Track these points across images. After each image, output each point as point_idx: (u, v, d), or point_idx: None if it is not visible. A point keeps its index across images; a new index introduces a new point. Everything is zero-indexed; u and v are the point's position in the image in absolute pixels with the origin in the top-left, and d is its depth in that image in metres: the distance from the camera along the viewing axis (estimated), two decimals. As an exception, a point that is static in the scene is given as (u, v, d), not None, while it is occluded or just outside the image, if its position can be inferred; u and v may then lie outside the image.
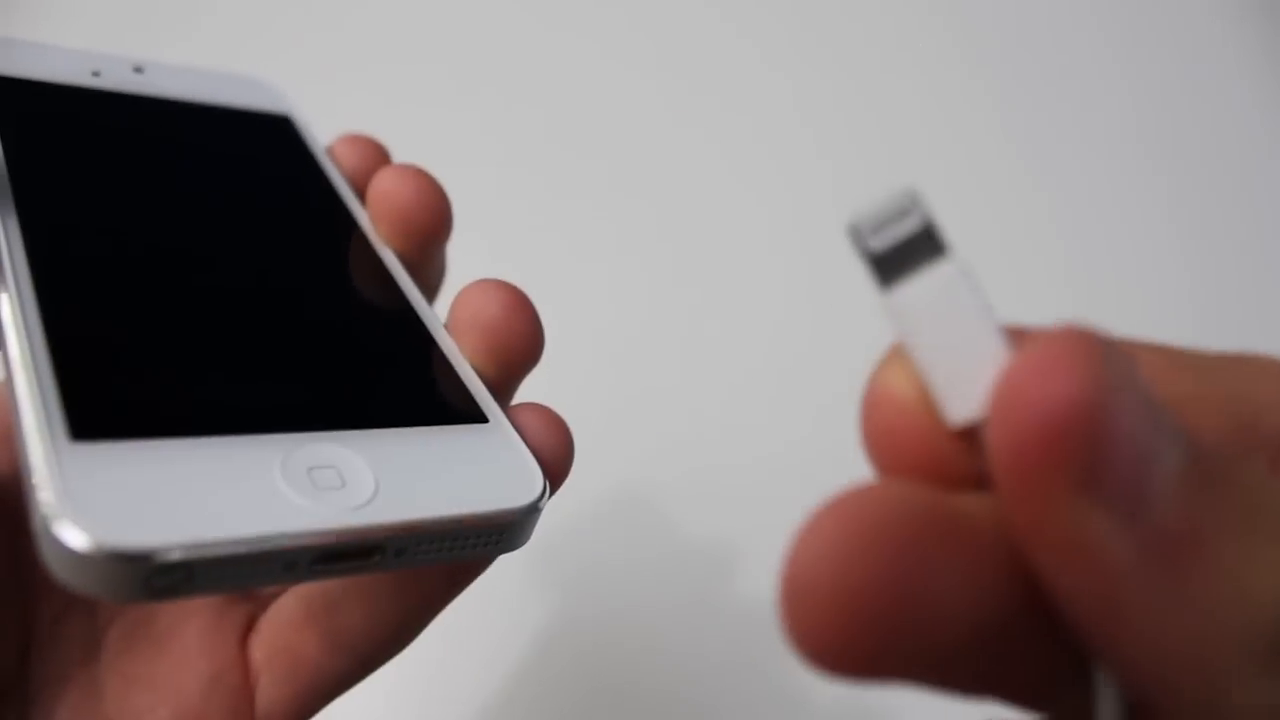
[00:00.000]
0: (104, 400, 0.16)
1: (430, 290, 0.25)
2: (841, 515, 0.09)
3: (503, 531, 0.17)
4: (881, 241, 0.11)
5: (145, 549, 0.13)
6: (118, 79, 0.24)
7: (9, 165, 0.19)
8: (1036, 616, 0.10)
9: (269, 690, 0.21)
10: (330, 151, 0.26)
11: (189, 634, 0.22)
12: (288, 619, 0.22)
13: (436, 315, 0.22)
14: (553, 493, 0.20)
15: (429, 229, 0.23)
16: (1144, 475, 0.09)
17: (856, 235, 0.11)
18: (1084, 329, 0.10)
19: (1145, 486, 0.09)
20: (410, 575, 0.21)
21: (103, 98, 0.24)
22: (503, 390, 0.21)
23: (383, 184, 0.23)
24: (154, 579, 0.14)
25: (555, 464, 0.20)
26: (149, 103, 0.25)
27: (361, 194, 0.25)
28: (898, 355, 0.11)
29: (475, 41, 0.59)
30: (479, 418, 0.20)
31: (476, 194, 0.27)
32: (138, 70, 0.25)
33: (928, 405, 0.11)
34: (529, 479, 0.18)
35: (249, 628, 0.22)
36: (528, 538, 0.18)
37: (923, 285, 0.11)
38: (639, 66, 0.58)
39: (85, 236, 0.20)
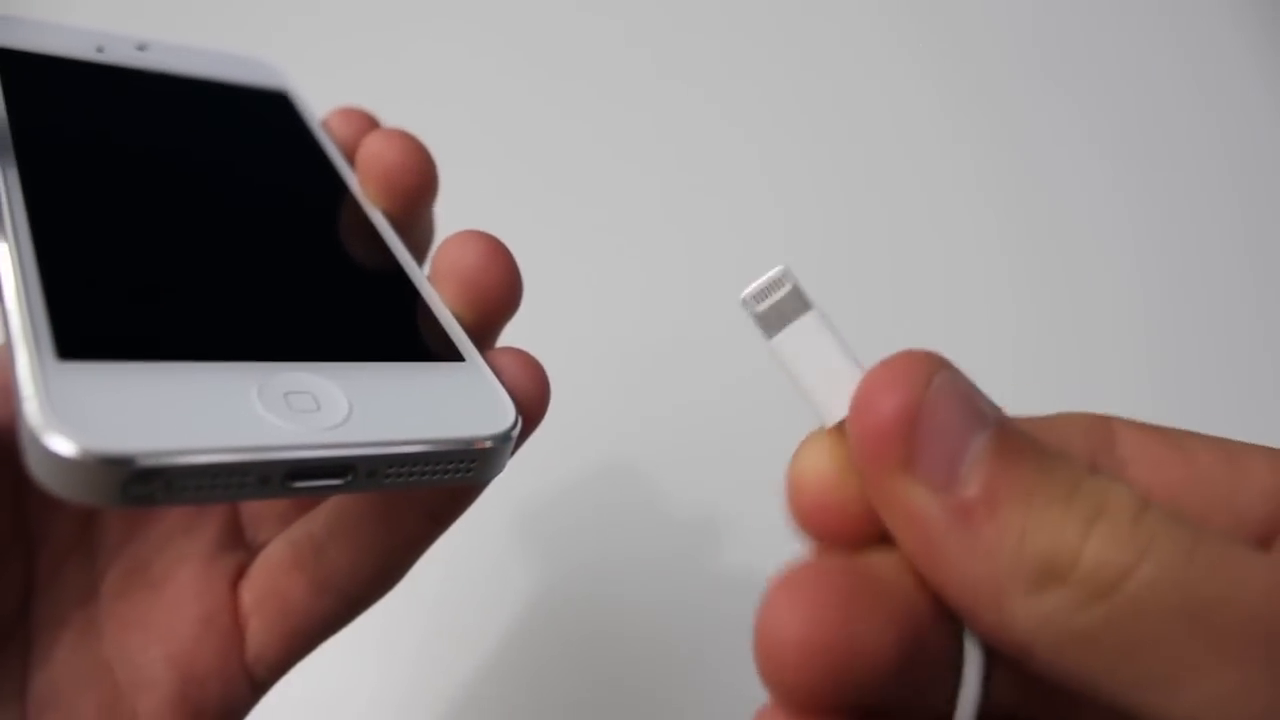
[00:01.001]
0: (91, 324, 0.17)
1: (419, 250, 0.25)
2: (792, 589, 0.13)
3: (473, 459, 0.18)
4: (763, 306, 0.15)
5: (124, 454, 0.14)
6: (121, 55, 0.25)
7: (12, 124, 0.20)
8: (940, 633, 0.14)
9: (259, 633, 0.22)
10: (324, 123, 0.27)
11: (182, 579, 0.23)
12: (276, 563, 0.23)
13: (419, 268, 0.23)
14: (528, 432, 0.20)
15: (415, 188, 0.24)
16: (953, 457, 0.13)
17: (746, 304, 0.15)
18: (916, 353, 0.14)
19: (954, 466, 0.13)
20: (393, 514, 0.22)
21: (106, 71, 0.24)
22: (482, 336, 0.22)
23: (371, 146, 0.24)
24: (131, 485, 0.14)
25: (531, 402, 0.20)
26: (151, 77, 0.25)
27: (353, 162, 0.25)
28: (811, 441, 0.15)
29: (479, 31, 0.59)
30: (455, 357, 0.20)
31: (477, 177, 0.28)
32: (141, 48, 0.25)
33: (840, 482, 0.15)
34: (501, 411, 0.19)
35: (240, 574, 0.23)
36: (499, 469, 0.19)
37: (795, 330, 0.15)
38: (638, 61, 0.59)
39: (82, 185, 0.20)
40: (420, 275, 0.23)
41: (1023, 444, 0.13)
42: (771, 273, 0.15)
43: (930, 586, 0.13)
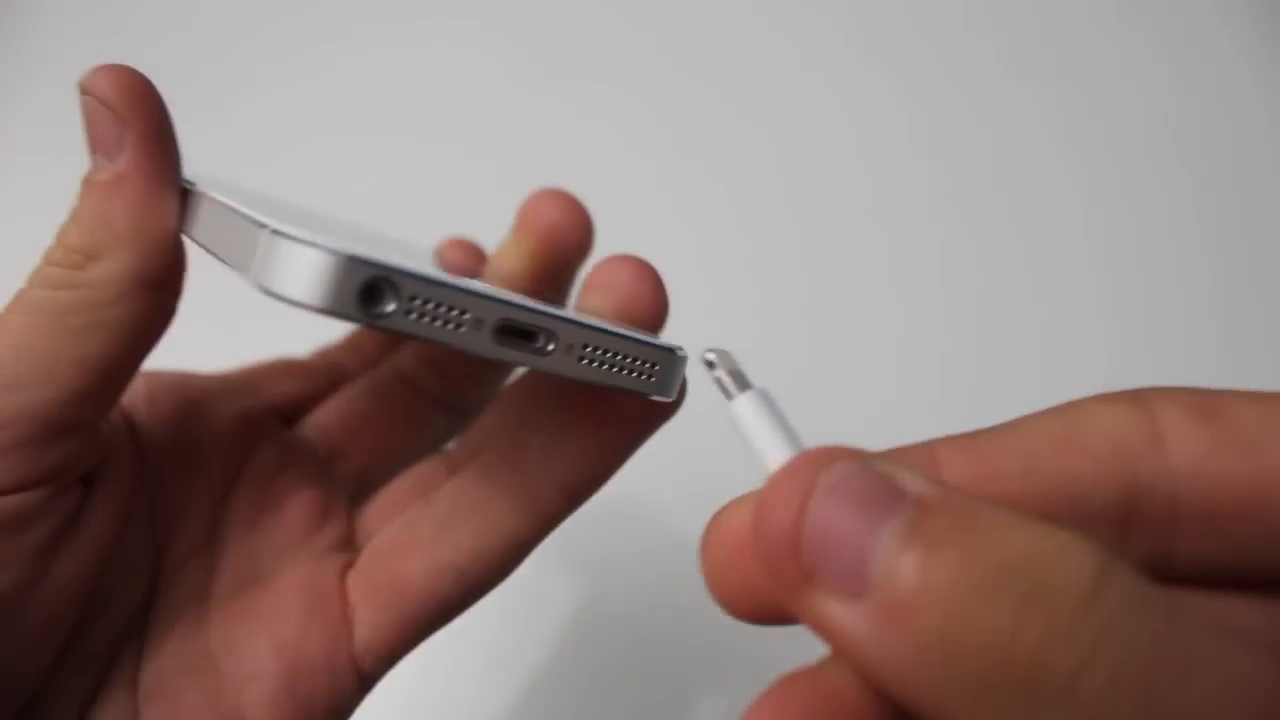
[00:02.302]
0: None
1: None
2: (770, 709, 0.13)
3: (657, 363, 0.18)
4: (724, 371, 0.16)
5: (367, 259, 0.15)
6: None
7: None
8: None
9: (368, 620, 0.22)
10: (440, 251, 0.29)
11: (291, 575, 0.23)
12: (390, 549, 0.23)
13: None
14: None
15: (574, 247, 0.26)
16: (857, 561, 0.12)
17: (709, 365, 0.17)
18: (809, 454, 0.13)
19: (859, 570, 0.12)
20: (527, 488, 0.22)
21: None
22: None
23: (536, 203, 0.26)
24: (368, 292, 0.15)
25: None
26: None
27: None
28: (731, 505, 0.15)
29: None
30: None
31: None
32: None
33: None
34: (662, 339, 0.20)
35: (348, 567, 0.24)
36: (673, 392, 0.19)
37: (741, 401, 0.16)
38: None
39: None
40: None
41: (945, 520, 0.12)
42: (714, 353, 0.17)
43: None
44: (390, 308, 0.15)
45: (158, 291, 0.20)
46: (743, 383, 0.16)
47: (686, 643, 0.39)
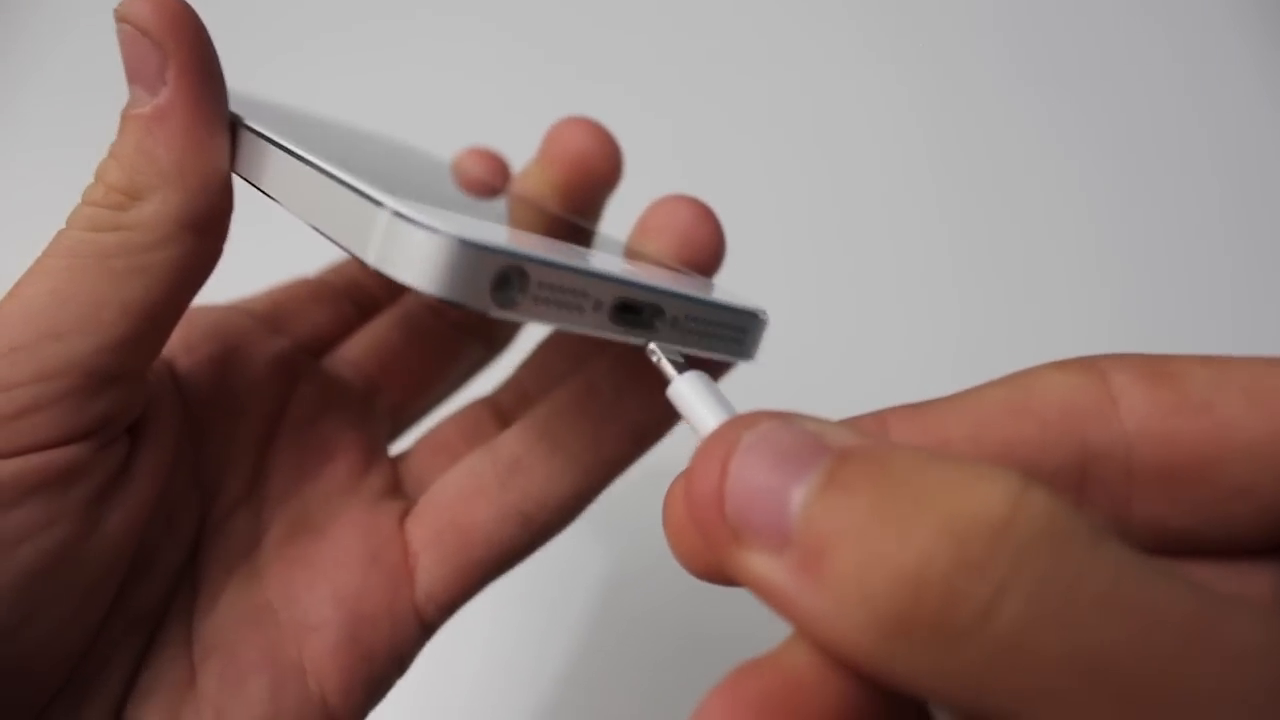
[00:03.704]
0: (402, 189, 0.17)
1: None
2: (722, 701, 0.12)
3: (746, 329, 0.18)
4: (663, 356, 0.17)
5: (500, 248, 0.14)
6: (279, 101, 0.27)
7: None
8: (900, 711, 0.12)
9: (431, 568, 0.22)
10: (458, 161, 0.29)
11: (346, 523, 0.23)
12: (455, 495, 0.22)
13: None
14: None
15: (604, 175, 0.26)
16: (778, 513, 0.12)
17: (651, 354, 0.17)
18: (731, 421, 0.13)
19: (782, 522, 0.12)
20: (599, 431, 0.22)
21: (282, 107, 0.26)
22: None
23: (563, 131, 0.25)
24: (501, 282, 0.15)
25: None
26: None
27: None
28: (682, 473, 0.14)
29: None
30: (691, 272, 0.22)
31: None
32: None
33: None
34: (753, 302, 0.19)
35: (404, 515, 0.23)
36: (754, 354, 0.19)
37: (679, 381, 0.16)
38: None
39: (341, 148, 0.21)
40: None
41: (861, 465, 0.12)
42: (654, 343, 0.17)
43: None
44: (517, 296, 0.15)
45: (204, 234, 0.19)
46: (680, 367, 0.16)
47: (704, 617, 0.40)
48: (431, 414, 0.28)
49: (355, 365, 0.27)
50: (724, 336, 0.18)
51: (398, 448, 0.27)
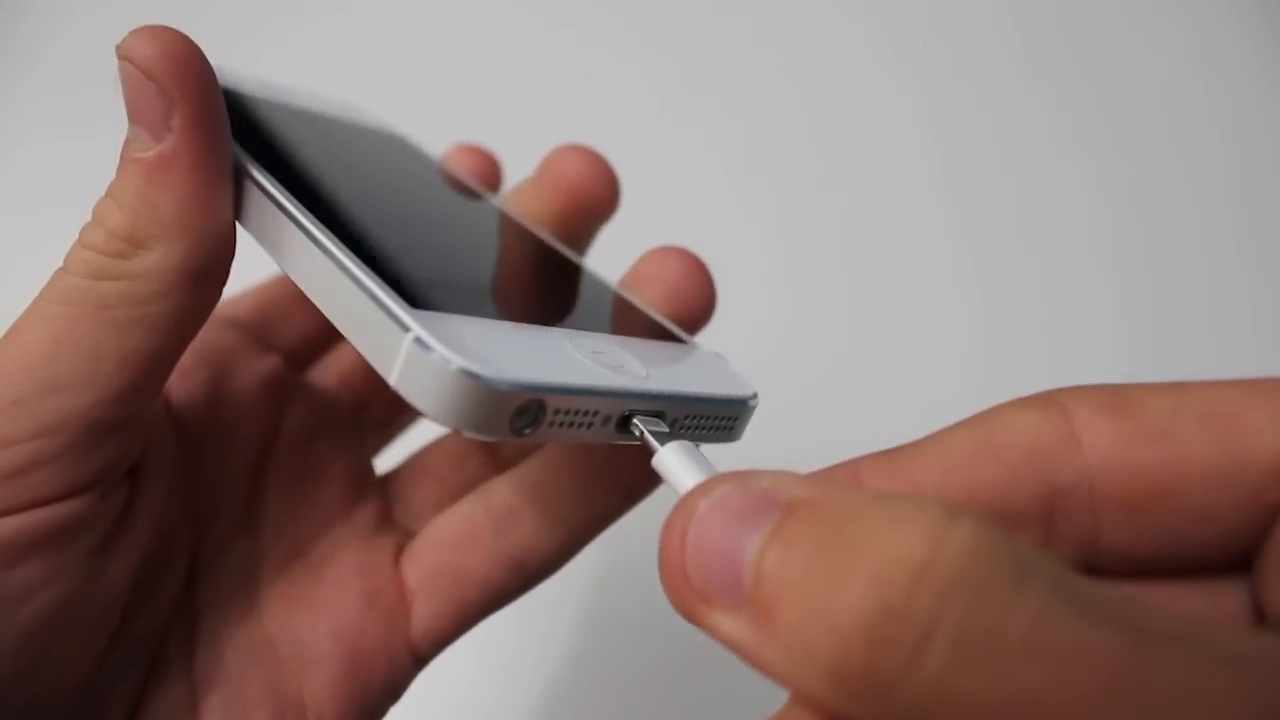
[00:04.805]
0: (420, 286, 0.17)
1: None
2: None
3: (737, 416, 0.19)
4: (646, 430, 0.17)
5: (520, 385, 0.15)
6: (271, 94, 0.25)
7: (263, 155, 0.20)
8: None
9: (426, 609, 0.22)
10: (449, 157, 0.28)
11: (343, 560, 0.23)
12: (451, 540, 0.23)
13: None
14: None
15: (600, 204, 0.26)
16: (734, 573, 0.12)
17: (634, 429, 0.17)
18: (698, 486, 0.13)
19: (738, 582, 0.12)
20: (592, 487, 0.22)
21: (282, 109, 0.25)
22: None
23: (561, 160, 0.25)
24: (519, 416, 0.15)
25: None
26: (307, 113, 0.26)
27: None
28: None
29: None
30: (681, 339, 0.22)
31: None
32: (266, 86, 0.26)
33: None
34: (742, 381, 0.20)
35: (399, 553, 0.23)
36: (742, 433, 0.20)
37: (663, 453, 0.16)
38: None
39: (338, 198, 0.21)
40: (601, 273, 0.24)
41: (803, 517, 0.12)
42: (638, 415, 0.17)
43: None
44: (534, 425, 0.15)
45: (206, 284, 0.18)
46: (663, 438, 0.16)
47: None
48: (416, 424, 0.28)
49: (342, 379, 0.26)
50: (717, 426, 0.19)
51: (385, 461, 0.27)
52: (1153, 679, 0.10)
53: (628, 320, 0.22)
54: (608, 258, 0.27)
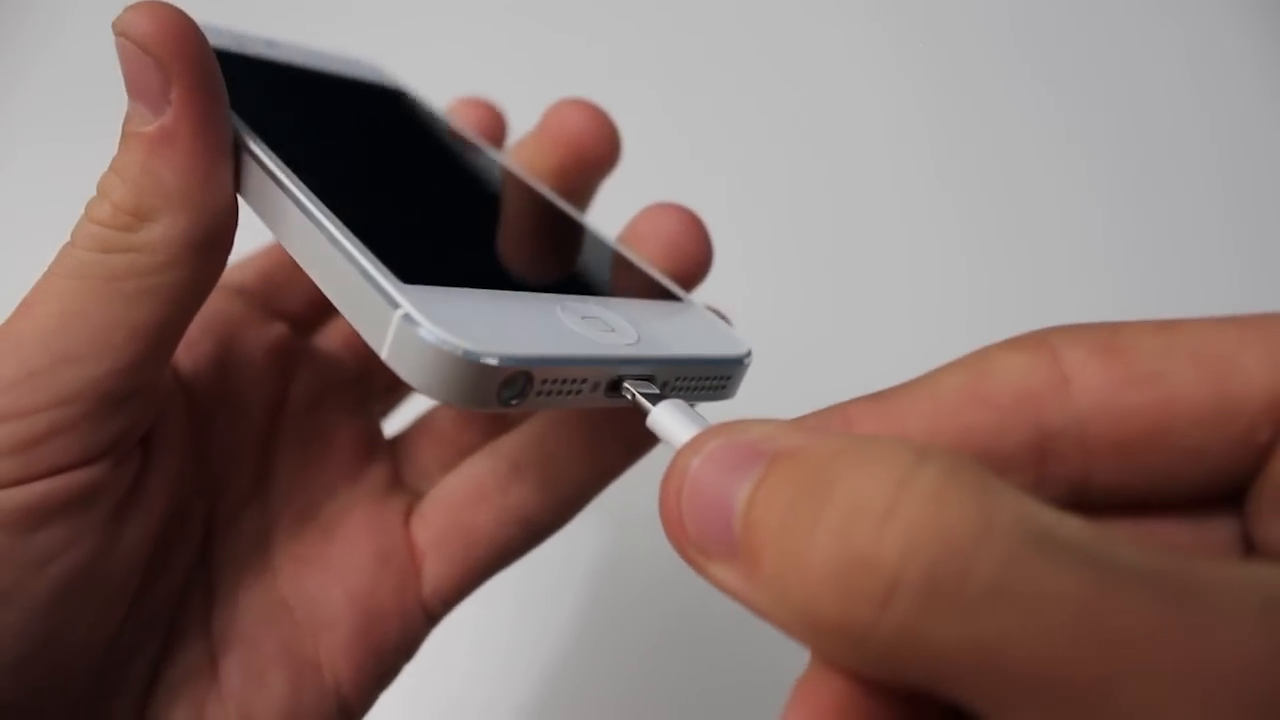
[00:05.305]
0: (411, 259, 0.17)
1: None
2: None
3: (729, 377, 0.19)
4: (637, 392, 0.17)
5: (505, 357, 0.15)
6: (277, 53, 0.25)
7: (259, 120, 0.20)
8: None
9: (436, 567, 0.23)
10: (453, 110, 0.28)
11: (354, 522, 0.23)
12: (459, 499, 0.23)
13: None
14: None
15: (602, 158, 0.26)
16: (725, 524, 0.12)
17: (626, 392, 0.17)
18: (690, 442, 0.13)
19: (729, 534, 0.12)
20: (594, 444, 0.23)
21: (282, 67, 0.25)
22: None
23: (563, 114, 0.25)
24: (505, 387, 0.15)
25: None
26: (314, 73, 0.26)
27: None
28: None
29: None
30: (675, 297, 0.22)
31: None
32: (270, 45, 0.26)
33: None
34: (737, 339, 0.20)
35: (408, 514, 0.24)
36: (736, 391, 0.20)
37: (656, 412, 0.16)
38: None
39: (337, 166, 0.21)
40: (602, 231, 0.25)
41: (786, 466, 0.12)
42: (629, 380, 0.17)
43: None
44: (521, 395, 0.16)
45: (211, 253, 0.19)
46: (654, 399, 0.17)
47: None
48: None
49: (348, 343, 0.27)
50: (710, 386, 0.19)
51: (393, 425, 0.27)
52: (1116, 619, 0.10)
53: (623, 279, 0.22)
54: (609, 218, 0.27)
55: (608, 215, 0.28)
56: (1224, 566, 0.10)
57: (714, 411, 0.16)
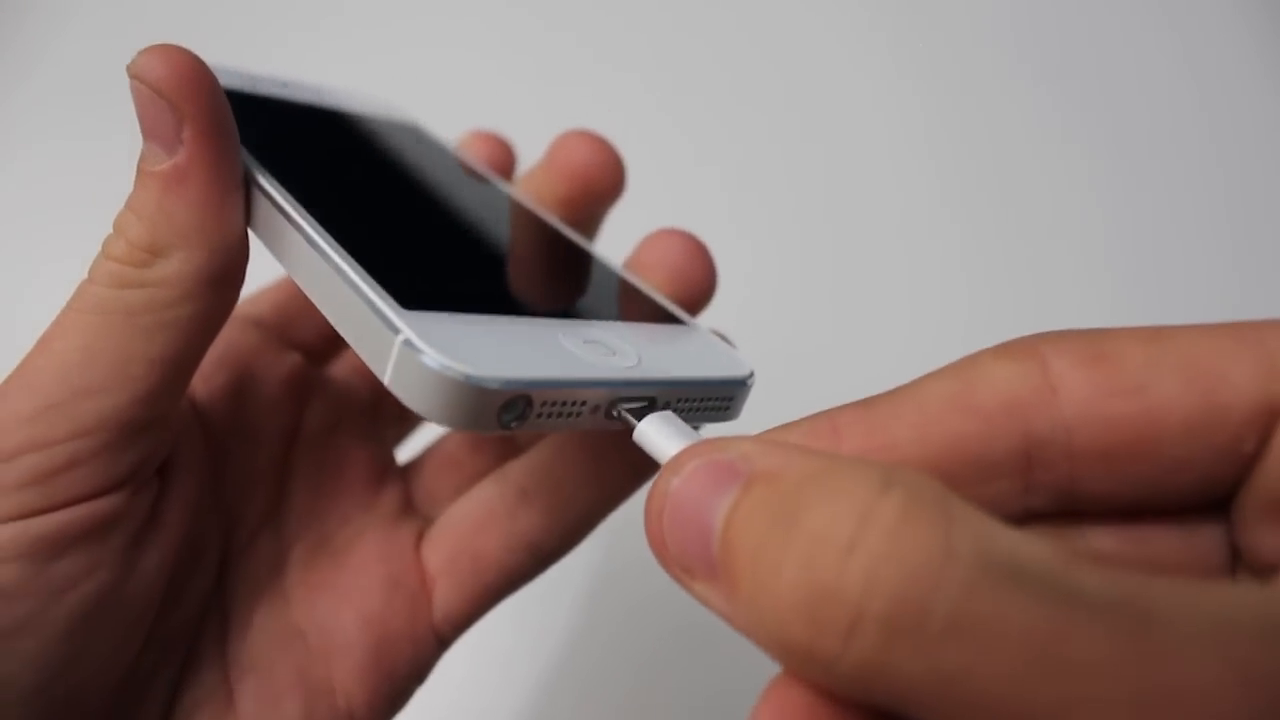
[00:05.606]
0: (413, 284, 0.18)
1: None
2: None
3: (731, 398, 0.20)
4: (624, 409, 0.17)
5: (505, 381, 0.15)
6: (293, 93, 0.26)
7: (268, 155, 0.21)
8: None
9: (447, 592, 0.23)
10: (464, 144, 0.29)
11: (366, 547, 0.24)
12: (468, 524, 0.24)
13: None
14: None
15: (608, 189, 0.26)
16: (704, 544, 0.12)
17: (615, 411, 0.17)
18: (670, 463, 0.14)
19: (709, 550, 0.12)
20: (599, 468, 0.23)
21: (297, 107, 0.26)
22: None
23: (569, 145, 0.26)
24: (505, 411, 0.16)
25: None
26: (330, 111, 0.27)
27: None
28: None
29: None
30: (680, 320, 0.22)
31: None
32: (284, 85, 0.26)
33: None
34: (739, 361, 0.21)
35: (419, 539, 0.24)
36: (739, 412, 0.20)
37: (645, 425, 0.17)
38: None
39: (347, 198, 0.22)
40: (608, 258, 0.25)
41: (760, 490, 0.12)
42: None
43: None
44: (521, 418, 0.16)
45: (224, 287, 0.19)
46: (640, 412, 0.17)
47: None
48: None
49: (361, 372, 0.27)
50: (713, 407, 0.19)
51: (406, 451, 0.28)
52: (1072, 651, 0.10)
53: (626, 304, 0.23)
54: (608, 226, 0.27)
55: (606, 223, 0.29)
56: (1180, 589, 0.10)
57: (712, 431, 0.17)
